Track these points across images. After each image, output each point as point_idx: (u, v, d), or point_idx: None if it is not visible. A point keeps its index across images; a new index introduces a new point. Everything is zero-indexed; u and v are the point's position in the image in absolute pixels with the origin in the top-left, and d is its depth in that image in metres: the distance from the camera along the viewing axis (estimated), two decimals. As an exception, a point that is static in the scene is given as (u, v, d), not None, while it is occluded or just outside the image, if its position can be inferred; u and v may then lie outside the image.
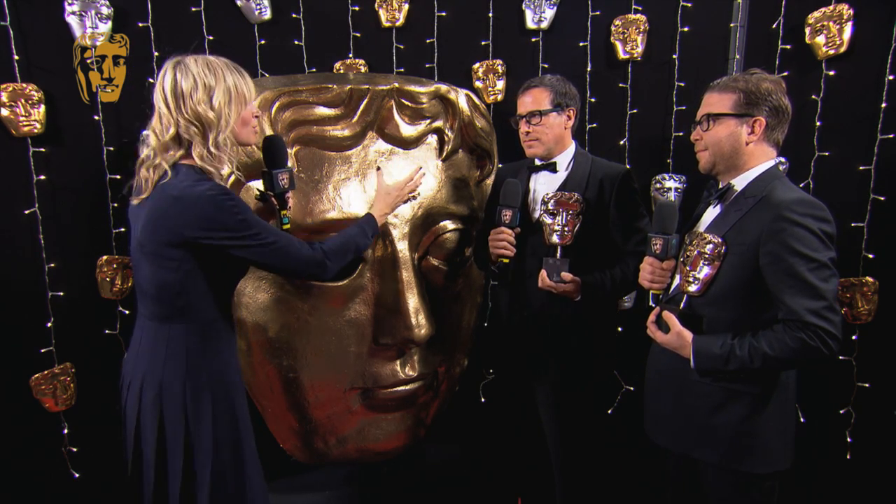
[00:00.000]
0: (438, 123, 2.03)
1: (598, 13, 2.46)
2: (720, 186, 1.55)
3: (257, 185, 1.83)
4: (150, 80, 2.27)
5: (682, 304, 1.52)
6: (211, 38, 2.32)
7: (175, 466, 1.40)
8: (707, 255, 1.46)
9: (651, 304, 1.64)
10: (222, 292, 1.48)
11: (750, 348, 1.37)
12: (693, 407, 1.51)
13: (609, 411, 2.61)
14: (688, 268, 1.50)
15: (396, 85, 1.89)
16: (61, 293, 2.20)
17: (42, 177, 2.14)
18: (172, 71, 1.38)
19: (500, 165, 2.25)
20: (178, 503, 1.40)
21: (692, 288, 1.48)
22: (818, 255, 1.34)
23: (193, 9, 2.30)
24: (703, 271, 1.47)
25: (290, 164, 1.66)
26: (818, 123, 2.21)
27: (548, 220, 1.88)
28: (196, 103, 1.36)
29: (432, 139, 2.06)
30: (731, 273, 1.44)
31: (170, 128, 1.38)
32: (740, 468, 1.47)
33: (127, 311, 2.31)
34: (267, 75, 2.33)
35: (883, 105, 2.11)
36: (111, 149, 2.23)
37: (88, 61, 2.18)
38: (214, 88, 1.37)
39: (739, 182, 1.50)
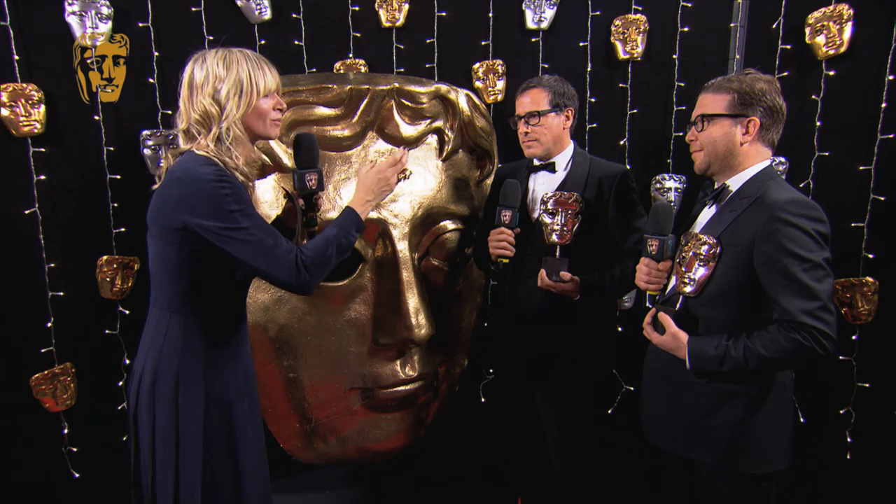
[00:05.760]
0: (438, 123, 2.03)
1: (598, 13, 2.46)
2: (715, 187, 1.55)
3: (265, 183, 1.83)
4: (151, 80, 2.28)
5: (677, 305, 1.51)
6: (211, 38, 2.32)
7: (167, 460, 1.39)
8: (702, 256, 1.46)
9: (648, 304, 1.65)
10: (229, 288, 1.44)
11: (745, 349, 1.37)
12: (690, 408, 1.51)
13: (609, 411, 2.61)
14: (683, 269, 1.50)
15: (396, 85, 1.89)
16: (61, 293, 2.20)
17: (42, 177, 2.14)
18: (192, 65, 1.39)
19: (499, 165, 2.26)
20: (171, 500, 1.39)
21: (688, 289, 1.48)
22: (812, 255, 1.34)
23: (193, 9, 2.31)
24: (699, 272, 1.47)
25: (321, 166, 1.59)
26: (818, 123, 2.21)
27: (547, 219, 1.89)
28: (203, 96, 1.36)
29: (432, 139, 2.06)
30: (726, 274, 1.44)
31: (184, 121, 1.39)
32: (737, 469, 1.46)
33: (127, 311, 2.31)
34: (267, 75, 2.32)
35: (883, 105, 2.11)
36: (111, 149, 2.23)
37: (88, 61, 2.19)
38: (224, 80, 1.36)
39: (734, 182, 1.50)
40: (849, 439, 2.28)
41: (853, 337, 2.21)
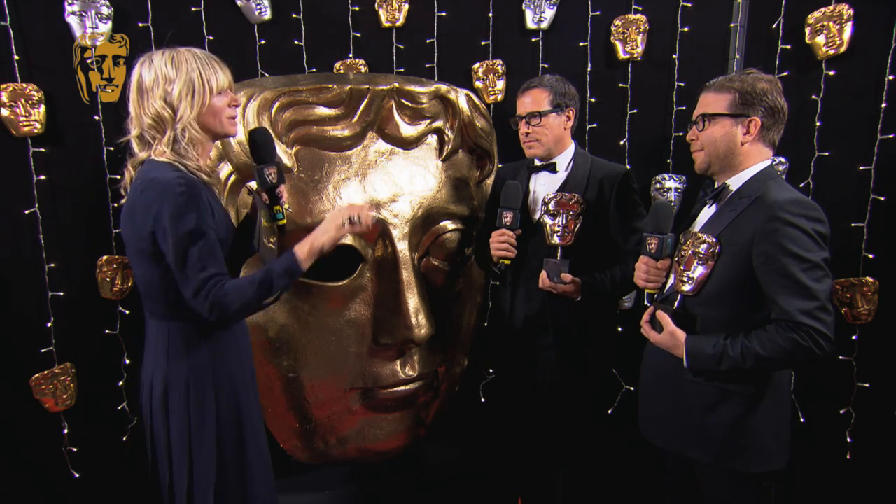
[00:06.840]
0: (438, 123, 2.03)
1: (598, 13, 2.46)
2: (715, 186, 1.55)
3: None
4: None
5: (676, 304, 1.52)
6: (211, 38, 2.31)
7: (181, 464, 1.40)
8: (701, 255, 1.46)
9: (646, 302, 1.65)
10: None
11: (742, 348, 1.37)
12: (687, 406, 1.51)
13: (609, 411, 2.61)
14: (682, 267, 1.50)
15: (396, 85, 1.89)
16: (61, 293, 2.20)
17: (42, 177, 2.14)
18: (139, 68, 1.36)
19: (499, 165, 2.26)
20: (185, 500, 1.40)
21: (686, 287, 1.48)
22: (811, 255, 1.34)
23: (193, 9, 2.30)
24: (698, 271, 1.47)
25: (279, 158, 1.57)
26: (818, 123, 2.21)
27: (548, 220, 1.88)
28: (155, 99, 1.33)
29: (432, 139, 2.06)
30: (724, 273, 1.44)
31: (136, 126, 1.37)
32: (735, 468, 1.47)
33: (127, 311, 2.31)
34: (267, 75, 2.33)
35: (883, 105, 2.11)
36: (111, 149, 2.23)
37: (88, 61, 2.18)
38: (175, 81, 1.33)
39: (735, 182, 1.50)
40: (849, 439, 2.28)
41: (853, 337, 2.21)
